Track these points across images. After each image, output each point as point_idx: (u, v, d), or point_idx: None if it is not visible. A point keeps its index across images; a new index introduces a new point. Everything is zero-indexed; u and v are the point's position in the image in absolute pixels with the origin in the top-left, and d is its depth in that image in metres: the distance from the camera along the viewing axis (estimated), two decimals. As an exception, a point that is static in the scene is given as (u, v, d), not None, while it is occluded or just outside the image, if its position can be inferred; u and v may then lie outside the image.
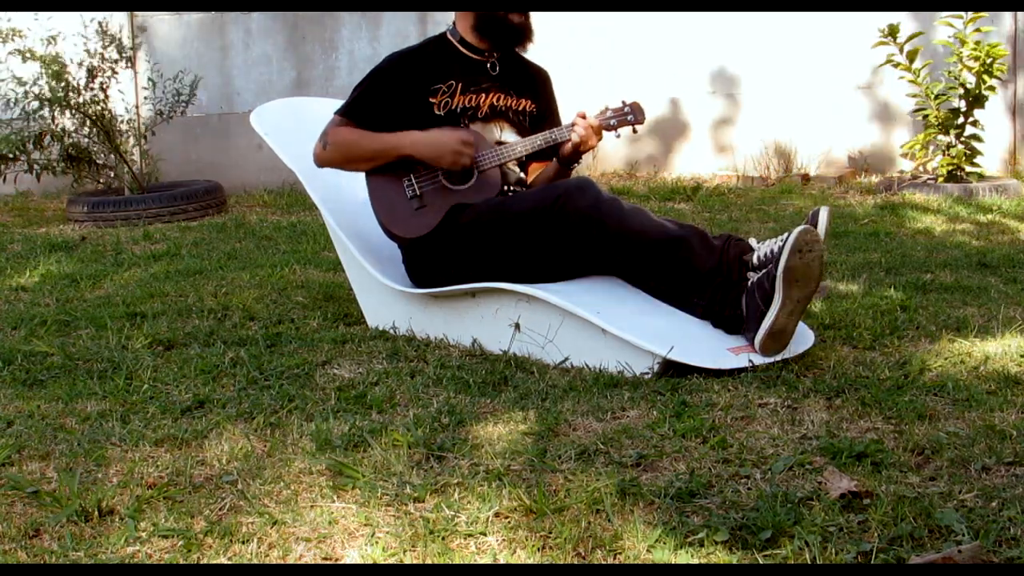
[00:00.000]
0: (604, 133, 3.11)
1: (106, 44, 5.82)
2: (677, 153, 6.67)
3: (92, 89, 5.78)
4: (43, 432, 2.32)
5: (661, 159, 6.68)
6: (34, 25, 5.83)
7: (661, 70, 6.52)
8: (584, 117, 3.03)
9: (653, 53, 6.53)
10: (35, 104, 5.67)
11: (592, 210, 2.80)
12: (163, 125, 5.95)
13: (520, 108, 3.17)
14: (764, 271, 2.68)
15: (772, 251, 2.67)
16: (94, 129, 5.87)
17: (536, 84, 3.23)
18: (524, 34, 3.12)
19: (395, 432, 2.23)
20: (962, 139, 5.68)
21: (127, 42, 5.94)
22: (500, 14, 3.07)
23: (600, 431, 2.23)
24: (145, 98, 6.14)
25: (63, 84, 5.57)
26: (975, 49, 5.52)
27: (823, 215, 2.70)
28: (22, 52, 5.63)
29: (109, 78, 5.84)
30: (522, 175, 3.16)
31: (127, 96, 6.22)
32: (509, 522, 1.83)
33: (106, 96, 5.84)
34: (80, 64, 5.73)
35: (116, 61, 5.86)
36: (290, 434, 2.28)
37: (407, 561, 1.73)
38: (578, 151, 3.06)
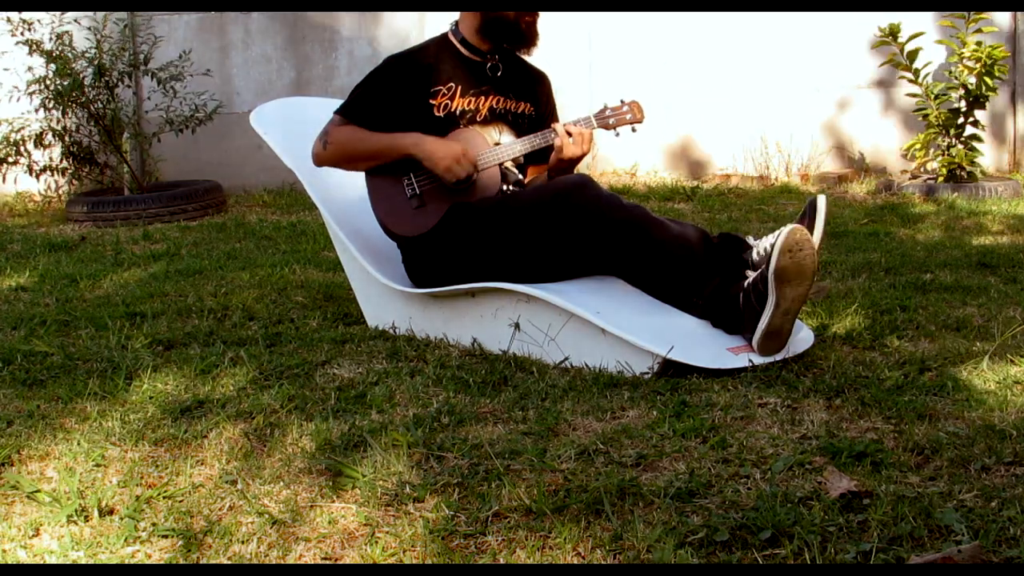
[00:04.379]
0: (604, 132, 3.11)
1: (123, 46, 5.84)
2: (676, 152, 6.67)
3: (98, 87, 5.79)
4: (43, 432, 2.32)
5: (659, 159, 6.68)
6: (44, 18, 5.85)
7: (658, 70, 6.52)
8: (569, 132, 3.01)
9: (649, 53, 6.53)
10: (38, 99, 5.67)
11: (591, 207, 2.80)
12: (162, 123, 5.95)
13: (519, 111, 3.17)
14: (759, 271, 2.67)
15: (767, 249, 2.67)
16: (96, 128, 5.88)
17: (535, 86, 3.23)
18: (530, 38, 3.11)
19: (395, 432, 2.23)
20: (962, 139, 5.69)
21: (143, 49, 5.96)
22: (509, 18, 3.06)
23: (600, 431, 2.23)
24: (152, 103, 6.13)
25: (70, 80, 5.58)
26: (976, 50, 5.53)
27: (820, 204, 2.68)
28: (30, 43, 5.63)
29: (119, 80, 5.85)
30: (520, 176, 3.16)
31: (128, 95, 6.23)
32: (509, 522, 1.83)
33: (113, 96, 5.84)
34: (91, 61, 5.73)
35: (133, 67, 5.88)
36: (290, 434, 2.28)
37: (407, 561, 1.73)
38: (569, 162, 3.05)
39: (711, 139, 6.56)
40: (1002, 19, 6.13)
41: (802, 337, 2.77)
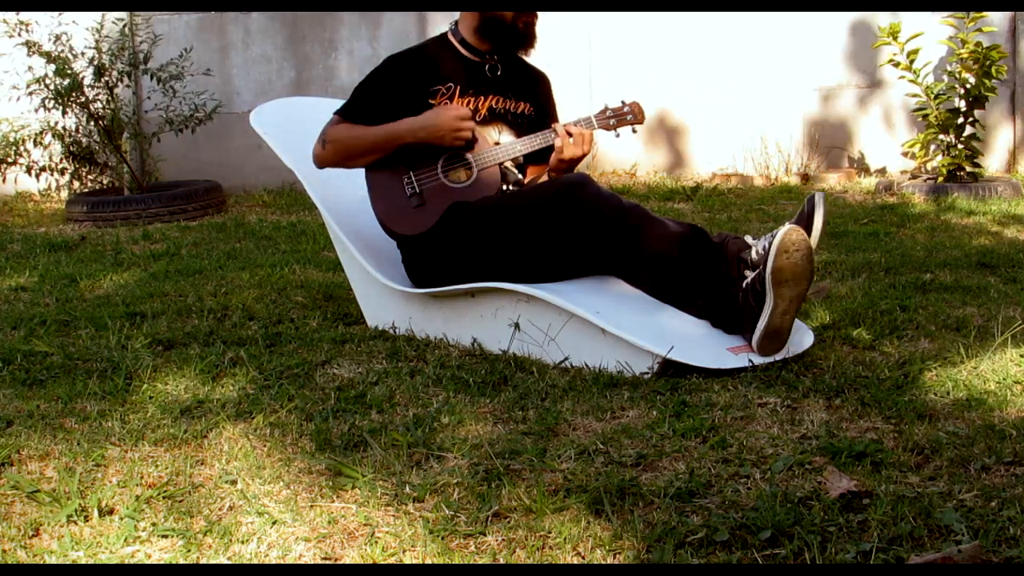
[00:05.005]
0: (604, 133, 3.11)
1: (123, 46, 5.83)
2: (676, 153, 6.67)
3: (97, 87, 5.79)
4: (43, 432, 2.32)
5: (659, 159, 6.68)
6: (43, 19, 5.85)
7: (658, 70, 6.52)
8: (570, 133, 3.01)
9: (649, 53, 6.52)
10: (38, 99, 5.67)
11: (590, 206, 2.80)
12: (162, 123, 5.95)
13: (519, 111, 3.17)
14: (756, 272, 2.67)
15: (764, 249, 2.67)
16: (96, 128, 5.88)
17: (535, 87, 3.23)
18: (527, 39, 3.11)
19: (395, 432, 2.23)
20: (962, 139, 5.69)
21: (142, 48, 5.95)
22: (507, 18, 3.06)
23: (600, 431, 2.23)
24: (152, 103, 6.12)
25: (69, 80, 5.58)
26: (975, 51, 5.53)
27: (818, 202, 2.69)
28: (29, 45, 5.64)
29: (118, 80, 5.85)
30: (520, 176, 3.16)
31: (128, 95, 6.23)
32: (509, 522, 1.83)
33: (112, 96, 5.84)
34: (91, 61, 5.73)
35: (132, 67, 5.88)
36: (290, 434, 2.28)
37: (407, 561, 1.73)
38: (569, 162, 3.04)
39: (711, 139, 6.56)
40: (1000, 20, 6.13)
41: (802, 337, 2.77)
